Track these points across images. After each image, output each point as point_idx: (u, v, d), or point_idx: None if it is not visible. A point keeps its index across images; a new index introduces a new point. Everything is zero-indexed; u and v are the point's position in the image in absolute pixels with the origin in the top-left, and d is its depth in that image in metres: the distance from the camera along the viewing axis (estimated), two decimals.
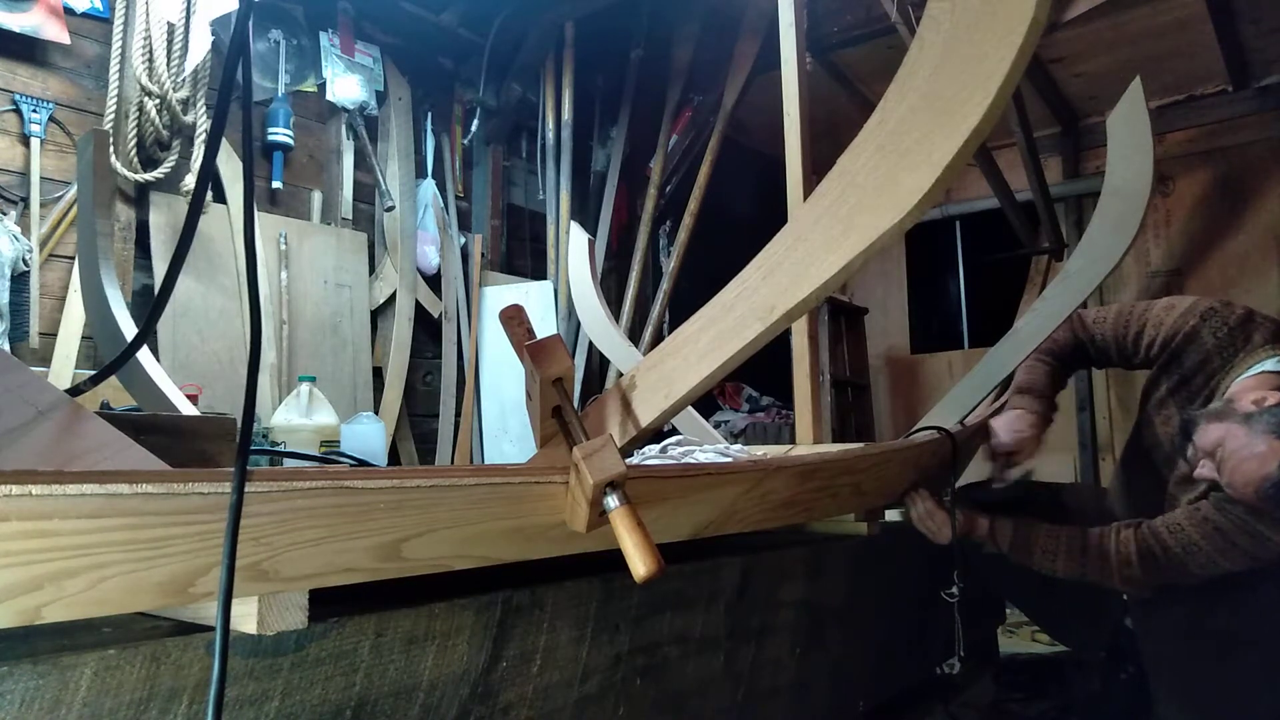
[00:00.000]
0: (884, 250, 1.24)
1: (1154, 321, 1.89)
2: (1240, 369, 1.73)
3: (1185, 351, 1.82)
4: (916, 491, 1.85)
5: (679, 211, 4.56)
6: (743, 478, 1.26)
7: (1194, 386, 1.82)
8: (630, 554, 0.90)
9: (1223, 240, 4.61)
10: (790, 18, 2.66)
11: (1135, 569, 1.75)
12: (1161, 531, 1.74)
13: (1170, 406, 1.87)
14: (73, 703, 0.68)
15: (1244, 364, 1.72)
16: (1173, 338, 1.84)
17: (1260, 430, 1.54)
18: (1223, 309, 1.81)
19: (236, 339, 3.27)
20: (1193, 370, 1.82)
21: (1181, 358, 1.83)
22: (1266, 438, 1.53)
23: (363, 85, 3.81)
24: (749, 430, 4.79)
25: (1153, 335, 1.88)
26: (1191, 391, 1.82)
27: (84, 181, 1.86)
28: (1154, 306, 1.93)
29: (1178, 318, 1.85)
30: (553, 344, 1.19)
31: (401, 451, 3.85)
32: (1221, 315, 1.80)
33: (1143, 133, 2.15)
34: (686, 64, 4.60)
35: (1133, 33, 4.04)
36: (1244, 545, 1.66)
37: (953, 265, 5.60)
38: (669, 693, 1.28)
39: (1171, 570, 1.73)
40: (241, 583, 0.72)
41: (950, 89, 1.12)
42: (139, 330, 1.29)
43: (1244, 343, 1.75)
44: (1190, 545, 1.70)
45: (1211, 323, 1.79)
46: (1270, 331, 1.75)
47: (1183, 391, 1.84)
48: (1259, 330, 1.76)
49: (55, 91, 2.97)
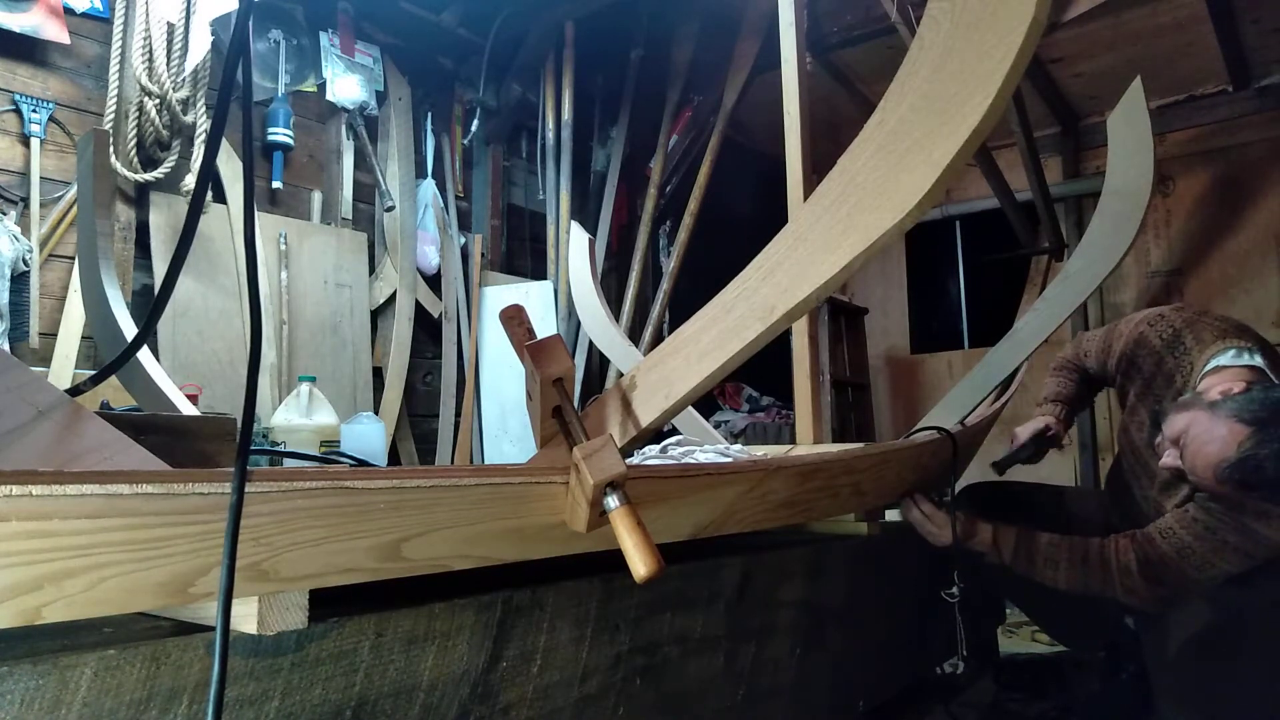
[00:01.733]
0: (884, 250, 1.25)
1: (1116, 335, 2.00)
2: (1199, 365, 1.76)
3: (1139, 356, 1.90)
4: (913, 495, 1.86)
5: (679, 211, 4.56)
6: (743, 478, 1.26)
7: (1157, 388, 1.86)
8: (630, 554, 0.90)
9: (1223, 240, 4.61)
10: (790, 18, 2.67)
11: (1135, 578, 1.75)
12: (1155, 537, 1.75)
13: (1140, 412, 1.92)
14: (73, 703, 0.68)
15: (1201, 360, 1.76)
16: (1127, 346, 1.93)
17: (1222, 415, 1.56)
18: (1170, 313, 1.88)
19: (236, 339, 3.27)
20: (1150, 373, 1.87)
21: (1138, 363, 1.91)
22: (1228, 421, 1.55)
23: (363, 85, 3.81)
24: (749, 430, 4.79)
25: (1117, 349, 1.97)
26: (1156, 394, 1.86)
27: (84, 181, 1.86)
28: (1119, 324, 2.02)
29: (1131, 327, 1.94)
30: (553, 344, 1.19)
31: (401, 451, 3.85)
32: (1168, 319, 1.87)
33: (1143, 133, 2.15)
34: (686, 64, 4.60)
35: (1133, 33, 4.04)
36: (1235, 542, 1.67)
37: (953, 265, 5.60)
38: (669, 693, 1.28)
39: (1170, 576, 1.73)
40: (241, 583, 0.72)
41: (950, 89, 1.12)
42: (139, 330, 1.29)
43: (1194, 341, 1.79)
44: (1184, 548, 1.71)
45: (1157, 326, 1.87)
46: (1219, 328, 1.78)
47: (1149, 395, 1.89)
48: (1208, 328, 1.79)
49: (55, 91, 2.97)
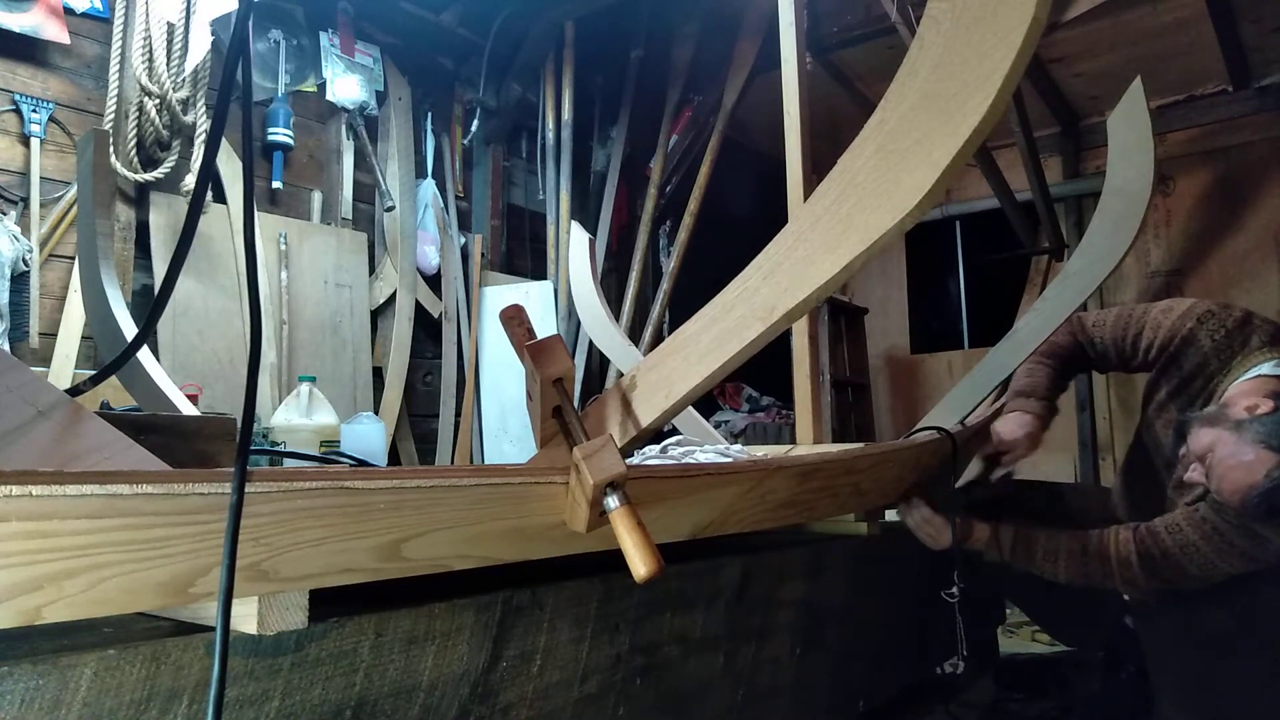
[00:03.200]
0: (884, 250, 1.24)
1: (1152, 325, 1.88)
2: (1238, 371, 1.71)
3: (1183, 354, 1.81)
4: (909, 500, 1.84)
5: (679, 211, 4.56)
6: (743, 478, 1.26)
7: (1193, 390, 1.81)
8: (630, 554, 0.90)
9: (1223, 240, 4.61)
10: (790, 18, 2.67)
11: (1135, 570, 1.74)
12: (1160, 532, 1.73)
13: (1170, 410, 1.86)
14: (73, 703, 0.68)
15: (1242, 366, 1.71)
16: (1170, 340, 1.83)
17: (1249, 439, 1.53)
18: (1220, 311, 1.80)
19: (236, 339, 3.27)
20: (1191, 374, 1.81)
21: (1180, 361, 1.82)
22: (1255, 447, 1.52)
23: (363, 85, 3.81)
24: (749, 430, 4.79)
25: (1150, 338, 1.87)
26: (1191, 394, 1.81)
27: (84, 181, 1.86)
28: (1152, 309, 1.91)
29: (1175, 320, 1.84)
30: (553, 344, 1.19)
31: (401, 451, 3.85)
32: (1219, 318, 1.78)
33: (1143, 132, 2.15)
34: (686, 64, 4.60)
35: (1133, 33, 4.04)
36: (1242, 546, 1.66)
37: (953, 265, 5.60)
38: (669, 693, 1.28)
39: (1170, 571, 1.73)
40: (241, 583, 0.72)
41: (950, 89, 1.12)
42: (139, 330, 1.29)
43: (1241, 345, 1.74)
44: (1188, 546, 1.69)
45: (1209, 325, 1.78)
46: (1268, 334, 1.74)
47: (1182, 395, 1.83)
48: (1256, 333, 1.74)
49: (55, 91, 2.97)
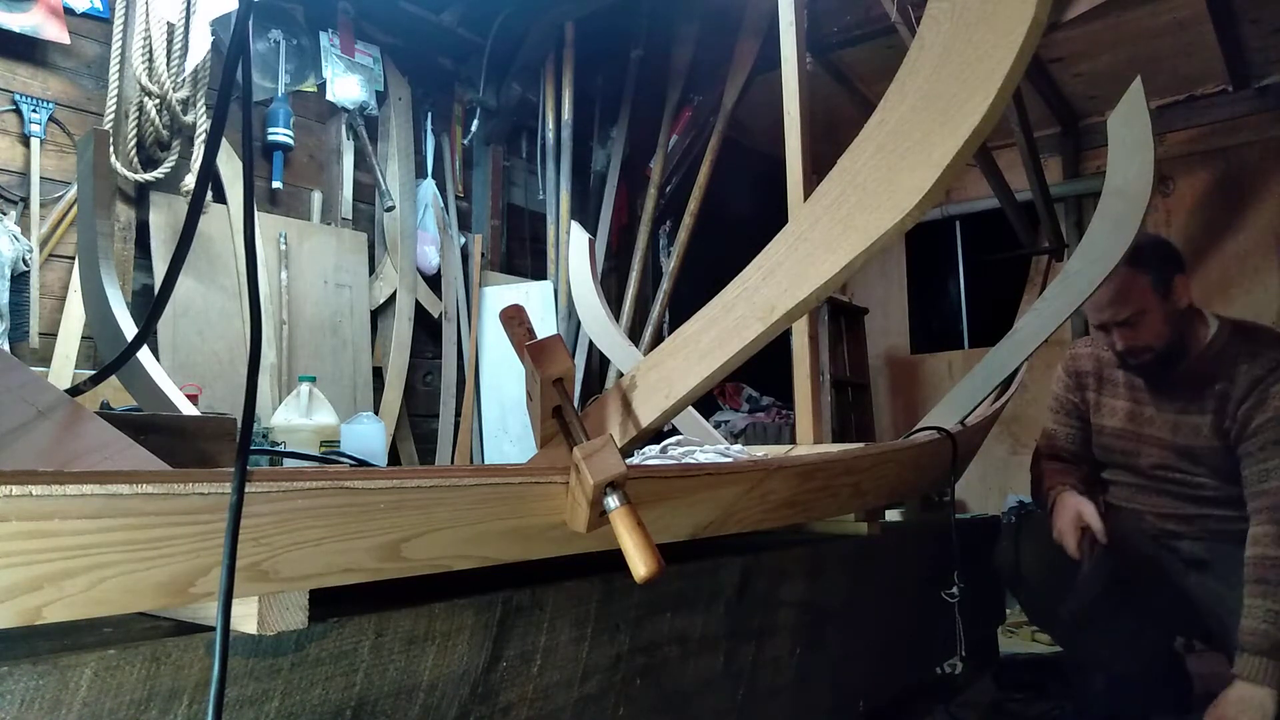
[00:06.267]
0: (884, 250, 1.24)
1: (1061, 389, 2.24)
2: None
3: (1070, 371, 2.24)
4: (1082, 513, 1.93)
5: (679, 211, 4.56)
6: (743, 478, 1.26)
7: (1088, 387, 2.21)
8: (630, 554, 0.90)
9: (1223, 240, 4.61)
10: (790, 18, 2.67)
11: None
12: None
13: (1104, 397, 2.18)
14: (73, 703, 0.68)
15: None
16: (1080, 379, 2.22)
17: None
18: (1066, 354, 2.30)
19: (236, 339, 3.27)
20: (1080, 377, 2.22)
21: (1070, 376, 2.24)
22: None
23: (363, 85, 3.81)
24: (749, 430, 4.79)
25: (1077, 393, 2.21)
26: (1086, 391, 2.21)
27: (84, 181, 1.86)
28: (1053, 390, 2.28)
29: (1061, 373, 2.27)
30: (553, 344, 1.19)
31: (401, 451, 3.85)
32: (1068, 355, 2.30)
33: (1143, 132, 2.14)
34: (686, 64, 4.60)
35: (1133, 33, 4.04)
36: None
37: (953, 265, 5.60)
38: (669, 693, 1.28)
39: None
40: (241, 583, 0.72)
41: (950, 89, 1.12)
42: (139, 330, 1.29)
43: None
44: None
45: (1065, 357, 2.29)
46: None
47: (1086, 391, 2.20)
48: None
49: (55, 91, 2.97)
